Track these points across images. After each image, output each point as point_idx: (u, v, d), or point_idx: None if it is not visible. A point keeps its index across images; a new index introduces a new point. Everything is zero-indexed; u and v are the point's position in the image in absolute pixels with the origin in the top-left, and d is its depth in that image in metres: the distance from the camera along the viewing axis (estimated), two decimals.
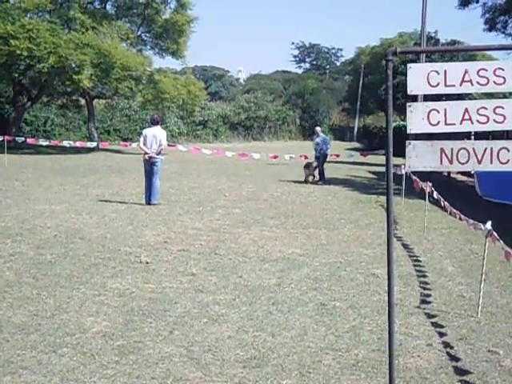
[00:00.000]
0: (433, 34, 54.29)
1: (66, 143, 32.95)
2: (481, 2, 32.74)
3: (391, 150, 4.54)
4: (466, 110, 4.54)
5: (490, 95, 5.07)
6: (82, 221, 13.42)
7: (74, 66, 34.99)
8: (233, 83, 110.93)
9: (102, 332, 6.57)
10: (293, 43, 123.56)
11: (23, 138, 32.95)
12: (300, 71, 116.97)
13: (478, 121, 4.54)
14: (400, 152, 4.67)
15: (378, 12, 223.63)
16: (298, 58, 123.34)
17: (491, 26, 33.01)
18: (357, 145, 65.49)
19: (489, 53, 47.95)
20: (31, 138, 35.27)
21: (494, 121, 4.52)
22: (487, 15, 33.01)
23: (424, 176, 13.37)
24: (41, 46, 33.41)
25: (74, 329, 6.64)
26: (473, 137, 20.51)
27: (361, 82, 70.29)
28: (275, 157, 29.55)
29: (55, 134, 47.50)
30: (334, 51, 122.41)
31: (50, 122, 48.62)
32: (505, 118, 4.51)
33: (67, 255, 10.11)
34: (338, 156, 28.74)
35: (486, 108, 4.53)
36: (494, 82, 4.47)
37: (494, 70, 4.48)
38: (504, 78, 4.46)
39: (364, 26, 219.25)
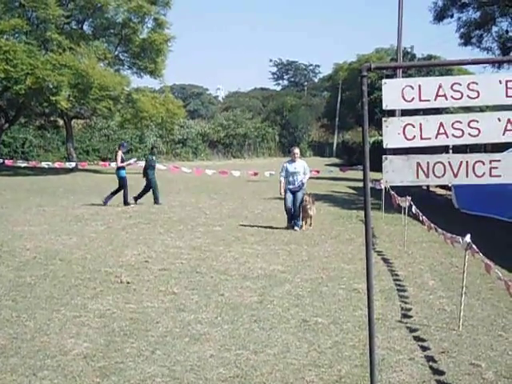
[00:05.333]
0: (409, 50, 54.94)
1: (44, 164, 32.92)
2: (455, 16, 33.17)
3: (368, 165, 4.57)
4: (441, 125, 4.59)
5: (467, 109, 5.15)
6: (61, 242, 13.33)
7: (51, 86, 34.96)
8: (211, 101, 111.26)
9: (83, 354, 6.50)
10: (271, 60, 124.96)
11: (1, 160, 32.80)
12: (278, 88, 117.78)
13: (453, 135, 4.59)
14: (379, 167, 4.70)
15: (355, 28, 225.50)
16: (276, 75, 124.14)
17: (466, 40, 33.40)
18: (336, 160, 65.80)
19: (465, 67, 48.44)
20: (9, 160, 35.13)
21: (469, 134, 4.57)
22: (462, 30, 33.41)
23: (403, 190, 13.42)
24: (18, 67, 33.36)
25: (54, 351, 6.57)
26: (451, 150, 20.72)
27: (339, 97, 70.77)
28: (255, 174, 29.66)
29: (33, 155, 47.32)
30: (311, 68, 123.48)
31: (28, 143, 48.41)
32: (479, 131, 4.56)
33: (47, 277, 10.03)
34: (318, 172, 28.91)
35: (460, 122, 4.58)
36: (468, 96, 4.52)
37: (468, 84, 4.53)
38: (478, 91, 4.52)
39: (341, 43, 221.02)
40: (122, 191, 20.45)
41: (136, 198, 21.07)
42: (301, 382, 5.85)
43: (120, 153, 20.89)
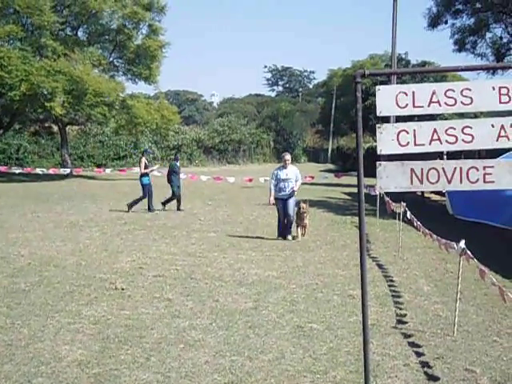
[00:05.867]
0: (403, 56, 55.13)
1: (39, 170, 32.84)
2: (449, 22, 33.30)
3: (362, 171, 4.59)
4: (435, 131, 4.60)
5: (461, 115, 5.16)
6: (56, 248, 13.30)
7: (45, 93, 34.97)
8: (206, 107, 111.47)
9: (78, 360, 6.49)
10: (265, 66, 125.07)
11: None
12: (273, 94, 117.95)
13: (446, 141, 4.60)
14: (373, 173, 4.71)
15: (349, 34, 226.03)
16: (270, 81, 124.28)
17: (460, 46, 33.54)
18: (331, 166, 65.90)
19: (459, 73, 48.60)
20: (3, 166, 35.09)
21: (463, 140, 4.59)
22: (456, 36, 33.54)
23: (398, 196, 13.43)
24: (12, 73, 33.37)
25: (49, 358, 6.56)
26: (445, 156, 20.76)
27: (333, 103, 70.95)
28: (250, 180, 29.62)
29: (28, 161, 47.24)
30: (306, 74, 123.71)
31: (23, 150, 48.34)
32: (473, 137, 4.58)
33: (41, 283, 10.00)
34: (312, 178, 28.94)
35: (454, 128, 4.60)
36: (462, 103, 4.54)
37: (461, 91, 4.55)
38: (471, 98, 4.54)
39: (336, 49, 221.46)
40: (146, 198, 20.57)
41: (163, 204, 21.15)
42: None
43: (144, 159, 20.97)
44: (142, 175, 20.75)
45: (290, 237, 15.09)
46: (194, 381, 5.99)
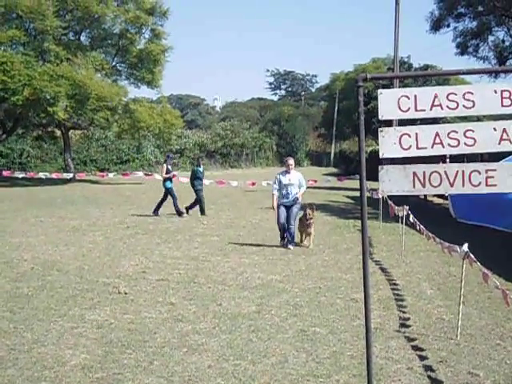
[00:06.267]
0: (406, 59, 55.14)
1: (42, 175, 32.83)
2: (452, 26, 33.28)
3: (364, 174, 4.59)
4: (437, 134, 4.61)
5: (463, 118, 5.17)
6: (59, 253, 13.32)
7: (48, 97, 35.03)
8: (209, 111, 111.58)
9: (81, 364, 6.49)
10: (268, 70, 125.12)
11: None
12: (276, 98, 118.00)
13: (449, 144, 4.61)
14: (376, 176, 4.71)
15: (352, 38, 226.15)
16: (273, 85, 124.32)
17: (463, 50, 33.52)
18: (334, 170, 65.88)
19: (461, 77, 48.59)
20: (7, 171, 35.11)
21: (465, 144, 4.59)
22: (458, 39, 33.53)
23: (401, 199, 13.47)
24: (15, 78, 33.46)
25: (52, 362, 6.56)
26: (448, 160, 20.75)
27: (336, 107, 70.93)
28: (253, 184, 29.64)
29: (31, 165, 47.32)
30: (308, 78, 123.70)
31: (26, 154, 48.44)
32: (475, 141, 4.58)
33: (44, 288, 10.01)
34: (315, 181, 28.99)
35: (456, 132, 4.60)
36: (464, 106, 4.54)
37: (464, 94, 4.55)
38: (473, 101, 4.54)
39: (338, 53, 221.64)
40: (172, 202, 20.74)
41: (187, 209, 21.16)
42: None
43: (165, 165, 21.35)
44: (165, 180, 21.07)
45: (291, 246, 14.23)
46: None
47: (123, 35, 41.54)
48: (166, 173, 20.96)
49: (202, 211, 21.09)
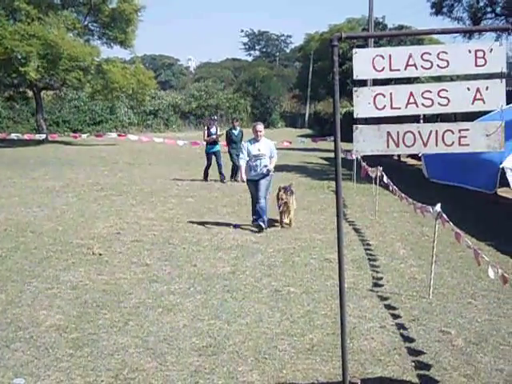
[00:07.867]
0: (381, 20, 54.88)
1: (13, 136, 32.43)
2: None
3: (339, 135, 4.59)
4: (411, 94, 4.60)
5: (437, 79, 5.14)
6: (32, 214, 13.23)
7: (19, 57, 34.46)
8: (183, 72, 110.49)
9: (56, 325, 6.50)
10: (242, 31, 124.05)
11: None
12: (250, 59, 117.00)
13: (422, 104, 4.61)
14: (350, 137, 4.71)
15: None
16: (247, 46, 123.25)
17: (437, 9, 33.34)
18: (308, 131, 65.73)
19: (435, 37, 48.54)
20: None
21: (439, 104, 4.59)
22: None
23: (374, 160, 13.47)
24: None
25: (26, 323, 6.56)
26: (422, 120, 20.81)
27: (311, 68, 70.55)
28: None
29: (3, 126, 46.64)
30: (283, 38, 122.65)
31: None
32: (449, 100, 4.59)
33: (18, 249, 9.97)
34: (290, 143, 28.97)
35: (430, 91, 4.60)
36: (438, 66, 4.53)
37: (438, 54, 4.54)
38: (447, 61, 4.53)
39: (313, 13, 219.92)
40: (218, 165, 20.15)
41: (232, 177, 20.34)
42: (273, 351, 5.91)
43: (205, 129, 20.82)
44: (207, 143, 20.61)
45: (262, 223, 11.91)
46: (173, 344, 6.04)
47: None
48: (208, 136, 20.58)
49: (233, 175, 20.37)
